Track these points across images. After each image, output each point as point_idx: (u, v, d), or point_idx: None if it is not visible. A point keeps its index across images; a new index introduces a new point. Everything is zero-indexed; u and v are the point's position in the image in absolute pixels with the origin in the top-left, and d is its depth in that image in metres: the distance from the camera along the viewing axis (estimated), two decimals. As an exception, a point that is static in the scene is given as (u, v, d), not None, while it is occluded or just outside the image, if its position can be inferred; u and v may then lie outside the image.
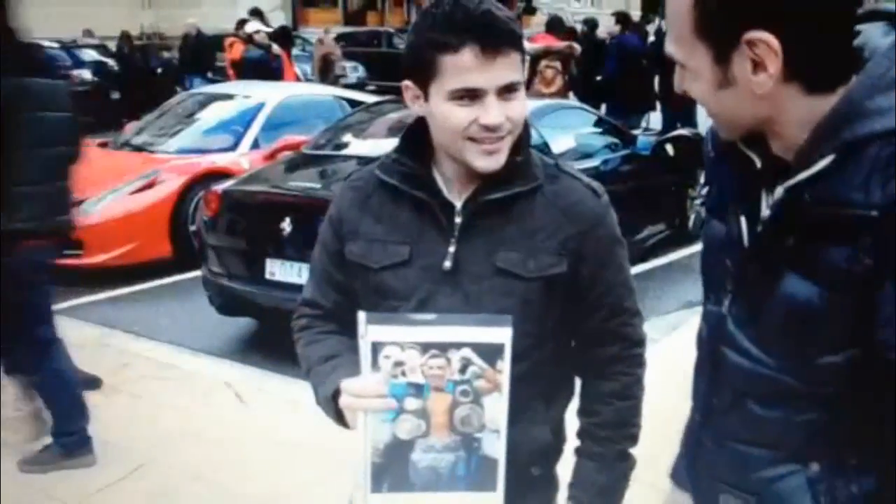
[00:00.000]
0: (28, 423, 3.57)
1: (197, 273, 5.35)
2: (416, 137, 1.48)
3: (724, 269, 1.23)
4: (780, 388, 1.15)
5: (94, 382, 4.22)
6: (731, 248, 1.21)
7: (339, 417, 1.43)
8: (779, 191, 1.11)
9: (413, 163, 1.47)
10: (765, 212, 1.16)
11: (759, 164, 1.16)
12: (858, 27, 1.10)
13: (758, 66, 1.05)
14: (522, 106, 1.40)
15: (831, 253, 1.06)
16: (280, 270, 4.66)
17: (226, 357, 4.84)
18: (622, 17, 11.39)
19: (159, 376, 4.44)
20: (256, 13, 12.26)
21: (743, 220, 1.18)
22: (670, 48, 1.14)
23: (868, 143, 1.04)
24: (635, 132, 6.53)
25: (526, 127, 1.44)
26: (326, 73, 15.03)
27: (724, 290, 1.23)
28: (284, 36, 11.71)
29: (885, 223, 1.01)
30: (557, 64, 11.27)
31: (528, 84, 11.03)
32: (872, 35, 1.10)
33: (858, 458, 1.14)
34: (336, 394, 1.41)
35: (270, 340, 4.85)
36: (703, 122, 2.18)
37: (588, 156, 6.04)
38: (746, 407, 1.20)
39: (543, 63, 11.17)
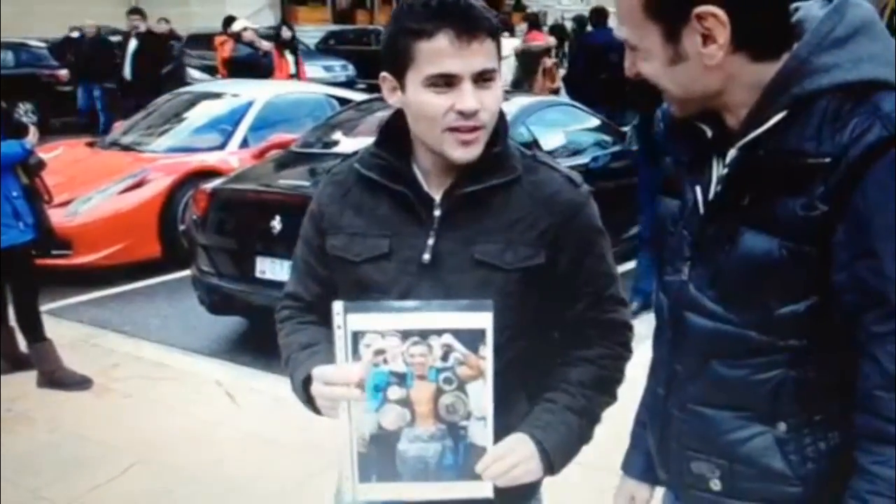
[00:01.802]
0: None
1: (186, 272, 5.33)
2: (395, 131, 1.49)
3: (681, 240, 1.27)
4: (745, 344, 1.19)
5: (84, 382, 4.23)
6: (688, 218, 1.26)
7: (311, 403, 1.44)
8: (732, 152, 1.18)
9: (391, 156, 1.48)
10: (718, 177, 1.22)
11: (710, 134, 1.23)
12: (797, 4, 1.20)
13: (707, 38, 1.13)
14: (498, 95, 1.41)
15: (787, 203, 1.12)
16: (270, 269, 4.65)
17: (216, 356, 4.84)
18: (595, 13, 11.40)
19: (149, 376, 4.43)
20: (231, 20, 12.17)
21: (698, 189, 1.25)
22: (621, 32, 1.20)
23: (817, 98, 1.12)
24: (625, 129, 6.52)
25: (502, 118, 1.45)
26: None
27: (682, 259, 1.27)
28: (280, 35, 11.66)
29: (836, 169, 1.08)
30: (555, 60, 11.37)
31: (532, 81, 11.12)
32: (810, 9, 1.19)
33: (824, 415, 1.18)
34: (308, 380, 1.42)
35: (261, 339, 4.84)
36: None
37: (578, 153, 6.06)
38: (712, 369, 1.23)
39: (548, 61, 11.28)
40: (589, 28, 10.99)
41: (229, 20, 11.72)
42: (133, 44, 11.96)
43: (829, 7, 1.16)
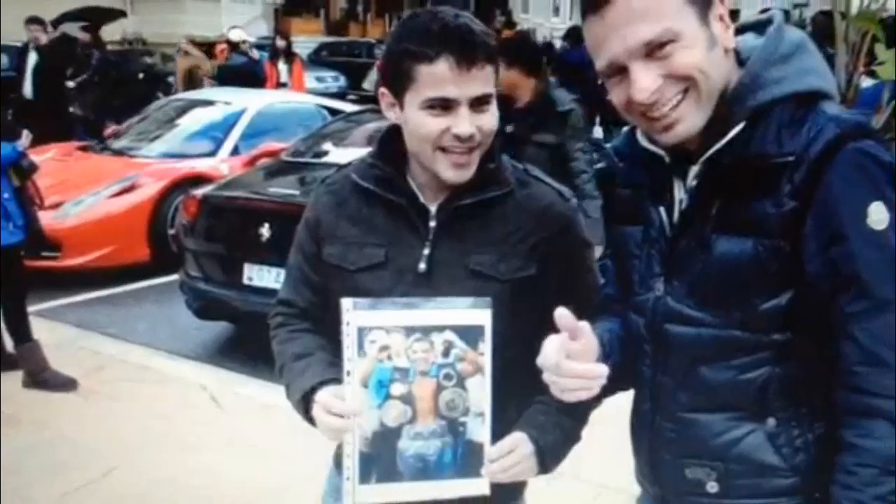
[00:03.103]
0: None
1: (175, 277, 5.36)
2: (391, 143, 1.52)
3: (650, 259, 1.33)
4: (730, 344, 1.24)
5: (69, 384, 4.24)
6: (655, 239, 1.32)
7: (309, 417, 1.46)
8: (695, 168, 1.26)
9: (388, 167, 1.51)
10: (685, 192, 1.28)
11: (667, 159, 1.30)
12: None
13: (723, 21, 1.22)
14: (493, 118, 1.44)
15: (757, 204, 1.19)
16: (258, 275, 4.69)
17: (202, 360, 4.87)
18: (571, 31, 11.47)
19: (135, 378, 4.45)
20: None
21: (661, 209, 1.31)
22: (647, 29, 1.15)
23: (771, 107, 1.21)
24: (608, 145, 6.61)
25: (497, 136, 1.47)
26: (191, 89, 12.19)
27: (654, 276, 1.32)
28: (275, 45, 11.71)
29: (800, 166, 1.17)
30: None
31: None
32: (745, 42, 1.29)
33: (810, 407, 1.24)
34: (306, 396, 1.45)
35: (247, 345, 4.87)
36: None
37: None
38: (699, 375, 1.27)
39: None
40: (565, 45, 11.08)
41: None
42: (33, 58, 9.85)
43: (769, 30, 1.27)
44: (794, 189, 1.17)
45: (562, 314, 1.26)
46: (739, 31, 1.31)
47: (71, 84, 10.58)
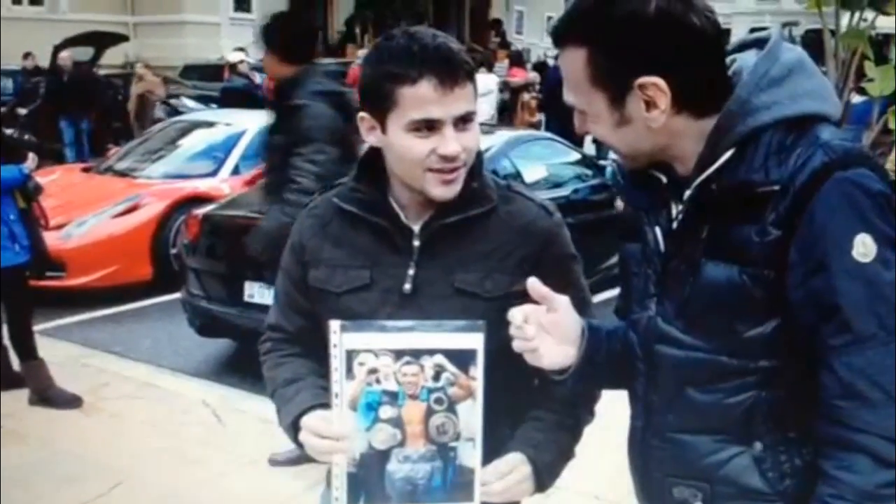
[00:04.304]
0: None
1: (177, 295, 5.40)
2: (371, 165, 1.51)
3: (646, 279, 1.34)
4: (717, 368, 1.24)
5: (74, 401, 4.29)
6: (650, 258, 1.34)
7: (297, 441, 1.46)
8: (687, 192, 1.25)
9: (369, 189, 1.51)
10: (676, 216, 1.30)
11: (664, 180, 1.32)
12: (734, 56, 1.29)
13: (650, 104, 1.21)
14: (476, 135, 1.45)
15: (742, 232, 1.19)
16: (258, 293, 4.73)
17: (204, 377, 4.90)
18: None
19: (138, 395, 4.50)
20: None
21: (657, 230, 1.32)
22: (569, 97, 1.28)
23: (760, 133, 1.20)
24: (604, 163, 6.70)
25: (480, 153, 1.49)
26: (142, 115, 12.48)
27: (649, 296, 1.33)
28: None
29: (786, 195, 1.16)
30: (536, 95, 11.63)
31: (512, 115, 11.32)
32: (746, 59, 1.27)
33: (797, 431, 1.23)
34: (296, 420, 1.46)
35: (248, 361, 4.85)
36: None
37: (559, 185, 6.22)
38: (687, 397, 1.28)
39: (526, 95, 11.50)
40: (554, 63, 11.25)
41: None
42: None
43: (762, 52, 1.25)
44: (778, 218, 1.16)
45: (533, 283, 1.31)
46: (740, 48, 1.30)
47: (23, 111, 10.97)
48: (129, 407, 4.34)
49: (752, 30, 1.52)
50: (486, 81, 10.79)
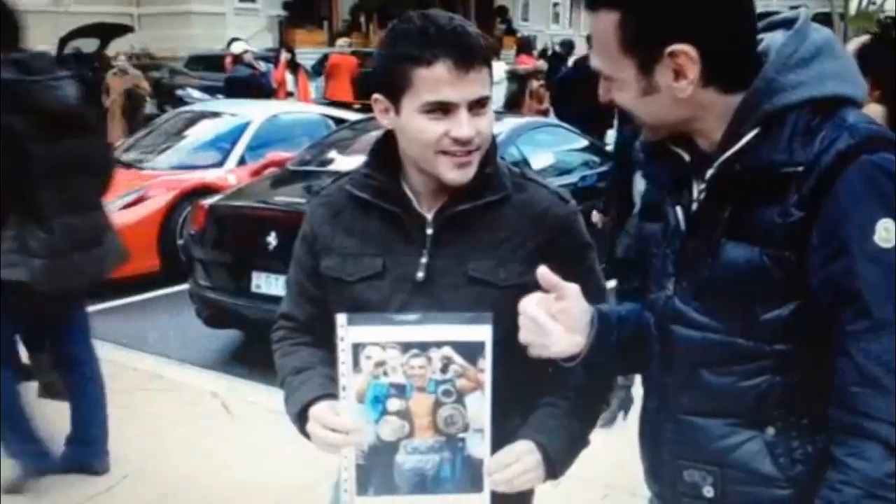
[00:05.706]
0: None
1: (184, 286, 5.42)
2: (385, 152, 1.51)
3: (665, 258, 1.33)
4: (732, 351, 1.23)
5: (82, 393, 4.31)
6: (671, 238, 1.32)
7: (304, 430, 1.47)
8: (710, 171, 1.23)
9: (382, 176, 1.50)
10: (698, 196, 1.28)
11: (687, 158, 1.30)
12: (762, 35, 1.26)
13: (679, 74, 1.19)
14: (490, 120, 1.43)
15: (765, 213, 1.18)
16: (265, 283, 4.75)
17: (212, 368, 4.92)
18: (565, 44, 11.48)
19: (147, 387, 4.51)
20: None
21: (678, 209, 1.30)
22: (596, 62, 1.26)
23: (786, 113, 1.18)
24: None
25: (493, 139, 1.48)
26: (132, 112, 11.74)
27: (667, 276, 1.31)
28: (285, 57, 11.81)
29: (809, 177, 1.14)
30: (545, 82, 11.59)
31: (521, 102, 11.28)
32: (774, 39, 1.25)
33: (810, 418, 1.22)
34: (303, 410, 1.45)
35: (256, 352, 4.91)
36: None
37: (566, 172, 6.19)
38: (700, 379, 1.27)
39: (535, 83, 11.47)
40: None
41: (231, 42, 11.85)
42: None
43: (791, 31, 1.23)
44: (801, 199, 1.15)
45: (543, 272, 1.30)
46: (768, 27, 1.28)
47: None
48: (138, 399, 4.35)
49: (760, 14, 1.48)
50: (496, 69, 10.72)
